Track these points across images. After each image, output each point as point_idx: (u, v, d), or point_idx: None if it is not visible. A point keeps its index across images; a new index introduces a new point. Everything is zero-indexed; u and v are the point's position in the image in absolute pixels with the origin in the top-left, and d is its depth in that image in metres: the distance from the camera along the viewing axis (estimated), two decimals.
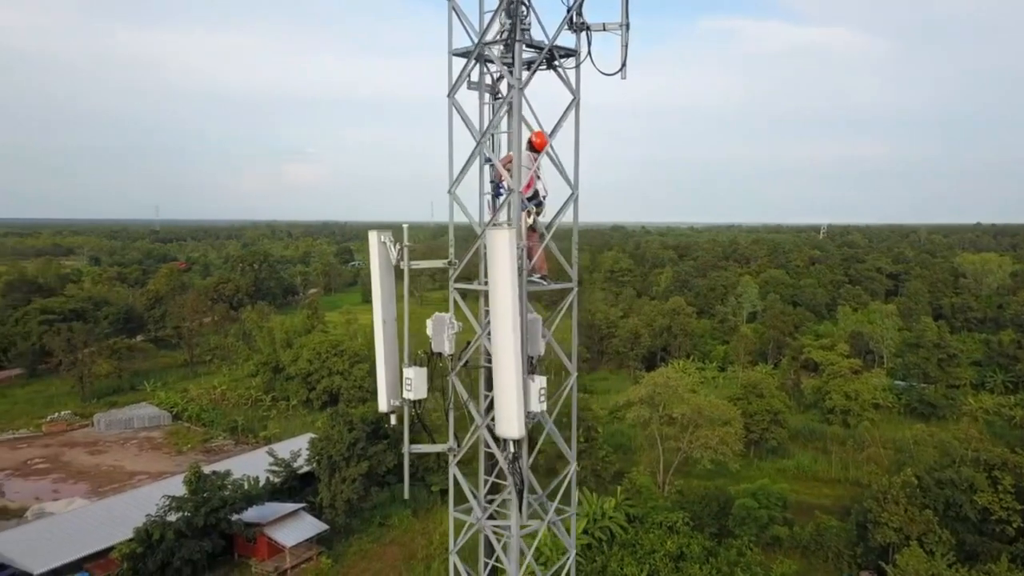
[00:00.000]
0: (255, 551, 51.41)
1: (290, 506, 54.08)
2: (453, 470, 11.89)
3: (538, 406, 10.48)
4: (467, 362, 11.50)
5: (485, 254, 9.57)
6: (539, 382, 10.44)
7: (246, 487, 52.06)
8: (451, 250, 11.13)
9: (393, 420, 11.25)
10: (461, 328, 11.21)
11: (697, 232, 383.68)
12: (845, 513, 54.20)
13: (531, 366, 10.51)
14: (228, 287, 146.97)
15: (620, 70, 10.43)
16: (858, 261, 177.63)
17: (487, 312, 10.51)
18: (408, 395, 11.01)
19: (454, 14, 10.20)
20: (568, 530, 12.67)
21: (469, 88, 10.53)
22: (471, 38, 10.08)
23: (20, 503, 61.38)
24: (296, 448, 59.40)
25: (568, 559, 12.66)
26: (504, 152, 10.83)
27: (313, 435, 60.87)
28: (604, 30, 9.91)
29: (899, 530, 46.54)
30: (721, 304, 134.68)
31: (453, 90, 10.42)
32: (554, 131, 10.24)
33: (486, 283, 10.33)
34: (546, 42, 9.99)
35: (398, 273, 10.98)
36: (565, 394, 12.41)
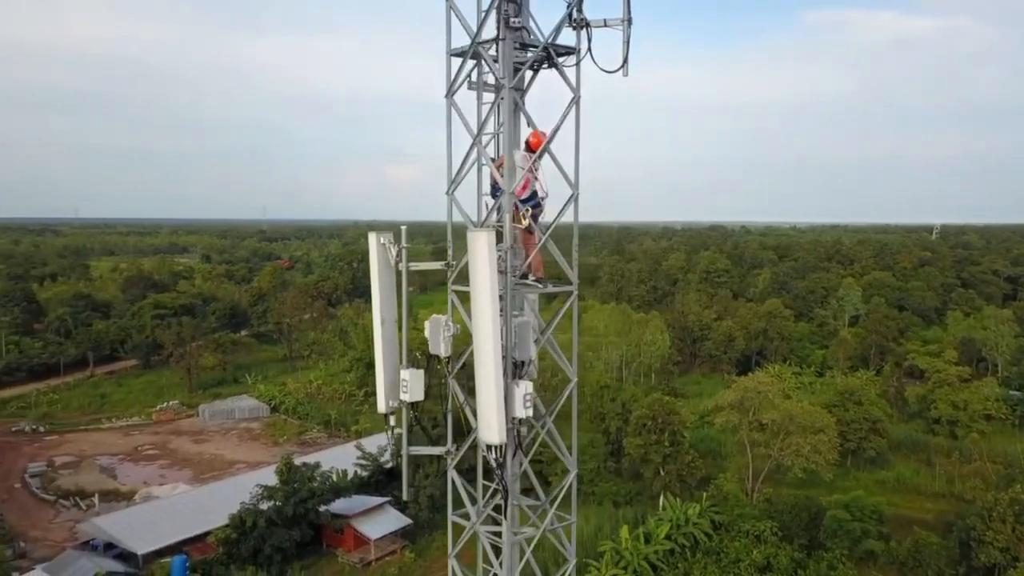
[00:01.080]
0: (342, 542, 52.88)
1: (376, 499, 55.37)
2: (451, 473, 11.89)
3: (523, 412, 10.34)
4: (464, 365, 11.48)
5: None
6: (524, 387, 10.28)
7: (334, 479, 53.66)
8: (449, 252, 11.14)
9: (392, 421, 11.32)
10: (458, 330, 11.18)
11: (799, 232, 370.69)
12: (947, 530, 51.27)
13: (519, 371, 10.40)
14: (327, 285, 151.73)
15: (621, 67, 10.19)
16: (972, 263, 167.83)
17: None
18: (404, 397, 11.06)
19: (452, 14, 10.19)
20: (569, 538, 12.48)
21: (470, 88, 10.52)
22: (469, 37, 10.03)
23: (130, 487, 65.16)
24: (383, 443, 60.70)
25: (568, 569, 12.48)
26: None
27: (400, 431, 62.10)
28: (605, 26, 9.71)
29: (1006, 550, 43.70)
30: (821, 307, 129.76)
31: (451, 91, 10.41)
32: (556, 130, 10.08)
33: None
34: (541, 40, 9.88)
35: (399, 274, 11.05)
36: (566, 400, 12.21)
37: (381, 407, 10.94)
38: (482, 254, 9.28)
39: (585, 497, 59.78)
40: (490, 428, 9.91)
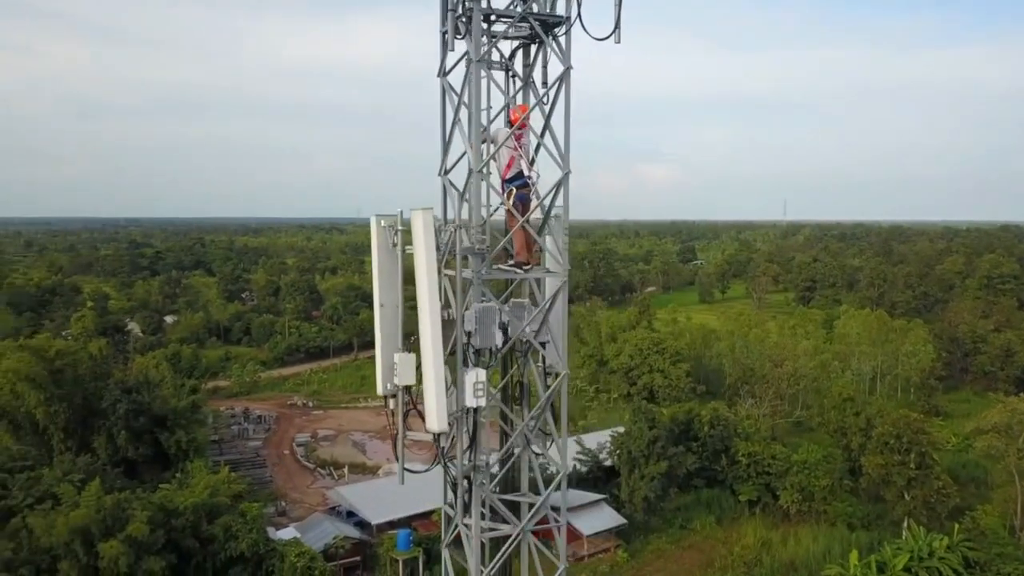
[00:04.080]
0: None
1: (592, 496, 55.58)
2: (443, 460, 11.42)
3: (474, 401, 9.64)
4: (453, 351, 10.95)
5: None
6: (475, 375, 9.59)
7: (550, 471, 54.63)
8: (443, 236, 10.69)
9: (391, 405, 11.13)
10: (451, 316, 10.72)
11: None
12: None
13: (488, 359, 9.69)
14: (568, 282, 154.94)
15: (612, 33, 9.16)
16: None
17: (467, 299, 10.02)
18: (395, 380, 10.82)
19: None
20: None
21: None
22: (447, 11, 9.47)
23: (375, 462, 71.26)
24: (603, 440, 60.85)
25: (557, 574, 11.51)
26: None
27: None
28: None
29: None
30: None
31: (443, 70, 9.95)
32: (553, 105, 9.28)
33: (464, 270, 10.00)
34: (519, 9, 9.08)
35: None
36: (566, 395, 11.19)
37: (379, 389, 10.96)
38: (418, 235, 9.16)
39: (816, 516, 55.73)
40: (430, 415, 9.73)
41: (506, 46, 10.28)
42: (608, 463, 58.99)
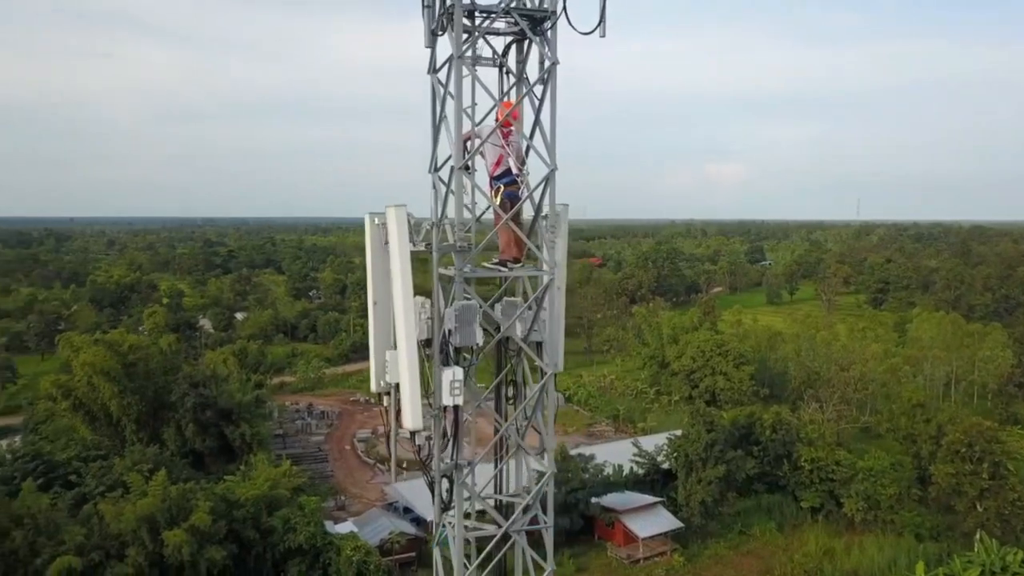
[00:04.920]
0: (612, 536, 53.38)
1: (649, 498, 55.01)
2: (433, 458, 11.25)
3: (450, 399, 9.45)
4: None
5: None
6: (451, 373, 9.40)
7: (606, 473, 54.37)
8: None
9: (385, 402, 11.06)
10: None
11: None
12: None
13: (466, 359, 9.48)
14: (631, 282, 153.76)
15: (597, 27, 8.87)
16: None
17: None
18: (387, 378, 10.73)
19: None
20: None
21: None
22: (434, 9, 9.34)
23: None
24: (661, 443, 60.15)
25: None
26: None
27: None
28: None
29: None
30: None
31: (432, 67, 9.81)
32: (542, 102, 9.04)
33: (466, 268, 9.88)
34: (503, 5, 8.85)
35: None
36: (548, 395, 10.91)
37: (373, 386, 10.95)
38: (392, 232, 9.17)
39: (882, 525, 53.97)
40: (405, 412, 9.69)
41: (499, 43, 10.22)
42: (665, 466, 58.26)
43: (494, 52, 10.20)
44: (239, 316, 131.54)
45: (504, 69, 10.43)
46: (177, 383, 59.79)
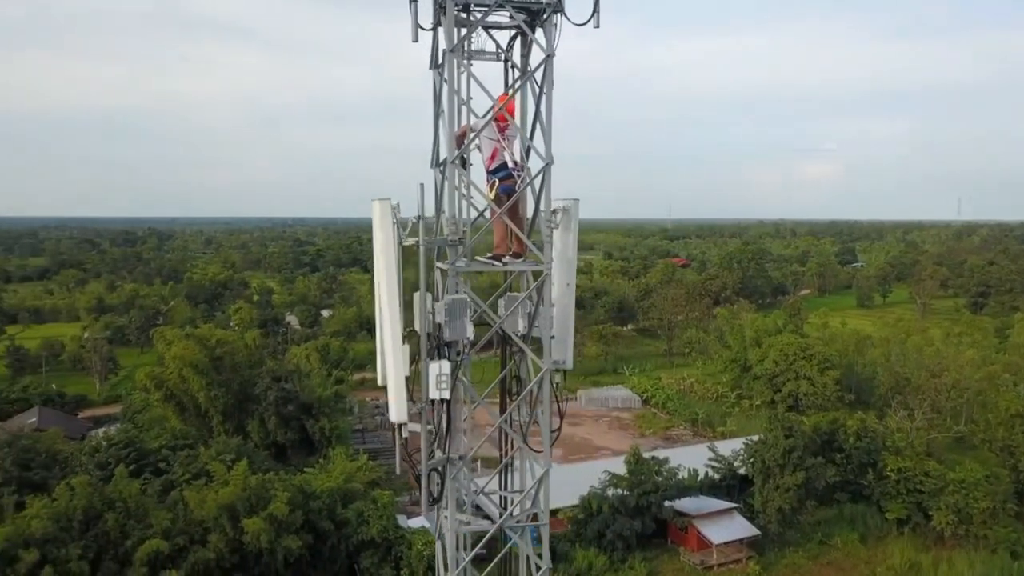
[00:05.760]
0: (685, 541, 52.47)
1: (724, 504, 53.81)
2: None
3: (437, 393, 9.23)
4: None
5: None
6: (438, 367, 9.17)
7: (680, 476, 53.47)
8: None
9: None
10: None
11: None
12: None
13: (457, 352, 9.25)
14: (715, 283, 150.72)
15: (591, 18, 8.53)
16: None
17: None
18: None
19: None
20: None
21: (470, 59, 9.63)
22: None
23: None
24: (738, 447, 58.77)
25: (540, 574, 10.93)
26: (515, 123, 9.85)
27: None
28: None
29: None
30: None
31: (434, 62, 9.62)
32: (540, 95, 8.75)
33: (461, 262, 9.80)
34: None
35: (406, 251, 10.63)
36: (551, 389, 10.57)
37: (380, 380, 10.95)
38: (376, 225, 9.21)
39: (974, 540, 51.30)
40: (390, 405, 9.72)
41: (504, 38, 10.14)
42: (742, 471, 56.87)
43: (498, 46, 10.19)
44: (325, 313, 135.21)
45: (510, 63, 10.35)
46: (261, 377, 61.96)
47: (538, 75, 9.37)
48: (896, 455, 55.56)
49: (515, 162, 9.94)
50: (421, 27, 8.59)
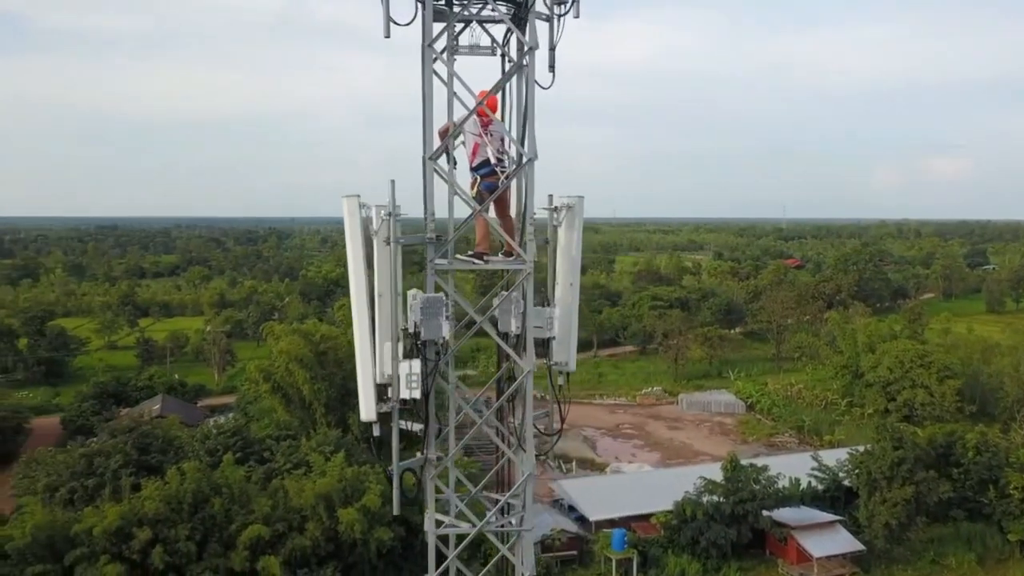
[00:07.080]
0: (784, 552, 50.57)
1: (826, 516, 51.55)
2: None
3: (407, 392, 8.82)
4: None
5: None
6: (407, 366, 8.76)
7: (779, 486, 51.56)
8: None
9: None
10: None
11: None
12: None
13: (437, 352, 8.83)
14: (829, 286, 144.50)
15: (570, 8, 7.95)
16: None
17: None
18: (386, 369, 10.35)
19: None
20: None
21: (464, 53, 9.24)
22: None
23: (604, 459, 71.64)
24: (842, 457, 56.16)
25: None
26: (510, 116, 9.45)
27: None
28: None
29: None
30: None
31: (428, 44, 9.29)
32: (527, 89, 8.26)
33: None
34: None
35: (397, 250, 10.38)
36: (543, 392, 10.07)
37: (377, 378, 10.78)
38: (346, 222, 9.19)
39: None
40: (361, 404, 9.73)
41: (499, 32, 9.88)
42: (847, 483, 54.29)
43: (493, 41, 9.98)
44: None
45: (506, 58, 10.12)
46: None
47: (518, 68, 9.13)
48: (1021, 472, 51.71)
49: (498, 159, 9.77)
50: (394, 21, 8.53)
